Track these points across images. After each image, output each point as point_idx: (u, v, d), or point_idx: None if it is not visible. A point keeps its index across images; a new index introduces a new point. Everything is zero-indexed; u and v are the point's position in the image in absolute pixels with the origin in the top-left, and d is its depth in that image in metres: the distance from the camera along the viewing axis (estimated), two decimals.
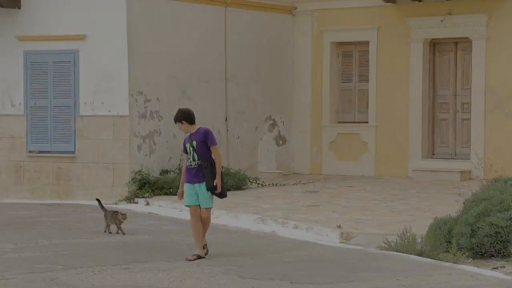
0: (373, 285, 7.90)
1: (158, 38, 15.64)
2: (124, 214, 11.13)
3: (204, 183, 9.25)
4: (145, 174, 15.03)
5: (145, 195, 14.67)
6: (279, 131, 18.43)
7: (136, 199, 14.70)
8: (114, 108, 15.11)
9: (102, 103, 15.16)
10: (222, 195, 9.38)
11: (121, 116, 15.07)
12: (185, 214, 13.16)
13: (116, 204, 14.64)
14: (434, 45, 17.57)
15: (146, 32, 15.41)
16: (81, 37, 15.26)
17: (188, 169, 9.36)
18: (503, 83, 16.58)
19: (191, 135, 9.37)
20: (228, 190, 10.84)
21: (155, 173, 15.34)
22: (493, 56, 16.66)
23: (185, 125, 9.39)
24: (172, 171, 15.65)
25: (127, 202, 14.67)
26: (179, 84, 16.05)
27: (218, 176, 9.24)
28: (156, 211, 13.76)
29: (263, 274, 8.44)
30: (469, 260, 9.06)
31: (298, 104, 18.66)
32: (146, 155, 15.38)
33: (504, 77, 16.56)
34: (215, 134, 10.66)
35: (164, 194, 14.80)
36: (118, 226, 11.10)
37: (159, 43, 15.64)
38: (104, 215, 11.34)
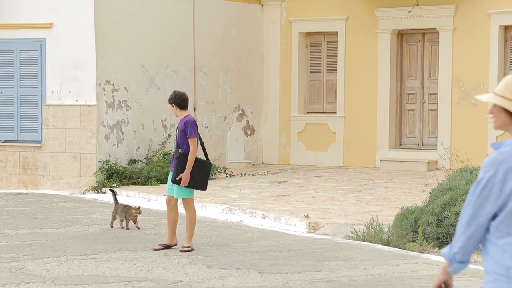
0: (340, 275, 7.94)
1: (126, 27, 15.54)
2: (138, 208, 10.62)
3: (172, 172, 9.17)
4: (112, 164, 14.95)
5: (113, 185, 14.60)
6: (247, 121, 18.43)
7: (103, 189, 14.63)
8: (82, 98, 15.00)
9: (69, 92, 15.04)
10: (197, 187, 9.12)
11: (88, 106, 14.97)
12: (153, 204, 13.14)
13: (83, 194, 14.57)
14: (402, 36, 17.66)
15: (114, 21, 15.30)
16: (48, 26, 15.12)
17: (172, 157, 9.34)
18: (469, 74, 16.72)
19: (179, 122, 9.28)
20: None
21: (123, 163, 15.27)
22: (459, 47, 16.80)
23: (175, 108, 9.20)
24: (140, 160, 15.59)
25: (95, 192, 14.60)
26: (147, 73, 15.97)
27: (186, 170, 8.95)
28: (123, 201, 13.67)
29: (231, 263, 8.45)
30: (435, 250, 9.15)
31: (267, 94, 18.67)
32: (114, 144, 15.30)
33: (470, 68, 16.69)
34: None
35: (132, 184, 14.75)
36: (134, 220, 10.59)
37: (127, 32, 15.54)
38: (114, 209, 10.79)
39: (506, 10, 16.27)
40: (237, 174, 16.40)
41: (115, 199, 11.03)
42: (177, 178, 9.02)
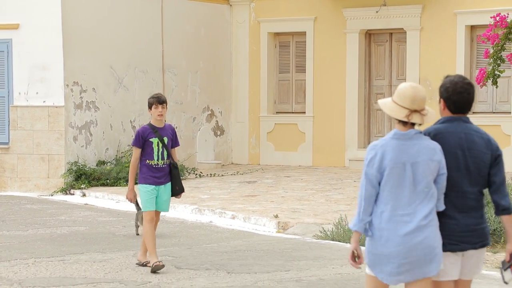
0: (309, 274, 7.97)
1: (94, 28, 15.45)
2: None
3: (169, 183, 8.32)
4: (81, 165, 14.86)
5: (82, 187, 14.52)
6: (217, 121, 18.42)
7: (72, 191, 14.54)
8: (49, 99, 14.89)
9: (37, 93, 14.93)
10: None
11: (56, 107, 14.87)
12: (122, 206, 13.08)
13: (52, 195, 14.47)
14: (369, 35, 17.76)
15: (82, 21, 15.21)
16: (14, 26, 14.99)
17: (154, 169, 8.23)
18: (436, 73, 16.83)
19: (159, 129, 8.32)
20: None
21: (91, 164, 15.19)
22: (426, 47, 16.93)
23: (165, 109, 8.38)
24: (109, 162, 15.52)
25: (63, 194, 14.50)
26: (116, 74, 15.90)
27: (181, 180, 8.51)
28: (92, 202, 13.64)
29: (200, 264, 8.45)
30: None
31: (236, 95, 18.67)
32: (82, 146, 15.21)
33: (437, 68, 16.82)
34: None
35: (100, 185, 14.67)
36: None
37: (94, 32, 15.46)
38: (137, 215, 10.22)
39: (472, 10, 16.43)
40: (207, 175, 16.38)
41: (137, 204, 9.89)
42: (182, 192, 8.46)
